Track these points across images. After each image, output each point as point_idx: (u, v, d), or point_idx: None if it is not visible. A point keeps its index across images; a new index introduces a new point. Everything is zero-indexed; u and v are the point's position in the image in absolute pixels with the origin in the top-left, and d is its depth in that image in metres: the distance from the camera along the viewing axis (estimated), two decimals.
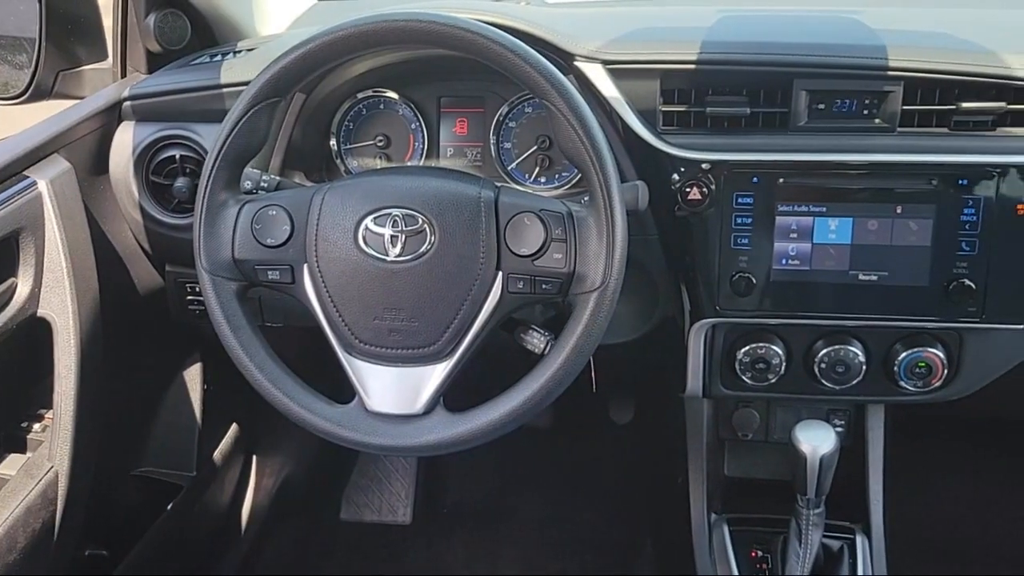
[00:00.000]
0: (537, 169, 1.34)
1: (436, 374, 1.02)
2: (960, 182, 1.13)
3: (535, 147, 1.33)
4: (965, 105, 1.13)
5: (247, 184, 1.12)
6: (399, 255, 1.01)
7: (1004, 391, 1.31)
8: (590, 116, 0.98)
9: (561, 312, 1.15)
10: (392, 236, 1.01)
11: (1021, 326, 1.18)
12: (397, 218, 1.01)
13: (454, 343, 1.02)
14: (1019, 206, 1.13)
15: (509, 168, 1.35)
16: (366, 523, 2.15)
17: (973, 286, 1.15)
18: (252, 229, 1.04)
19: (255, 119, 1.03)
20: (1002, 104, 1.12)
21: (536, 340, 1.08)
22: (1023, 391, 1.42)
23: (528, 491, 2.21)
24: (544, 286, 1.01)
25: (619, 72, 1.18)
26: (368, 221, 1.01)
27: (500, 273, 1.01)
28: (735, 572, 1.33)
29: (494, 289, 1.01)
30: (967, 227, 1.14)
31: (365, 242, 1.01)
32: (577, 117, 0.97)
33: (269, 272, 1.05)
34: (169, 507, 1.60)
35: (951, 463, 2.12)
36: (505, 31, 1.00)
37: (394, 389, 1.03)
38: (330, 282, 1.02)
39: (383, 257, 1.01)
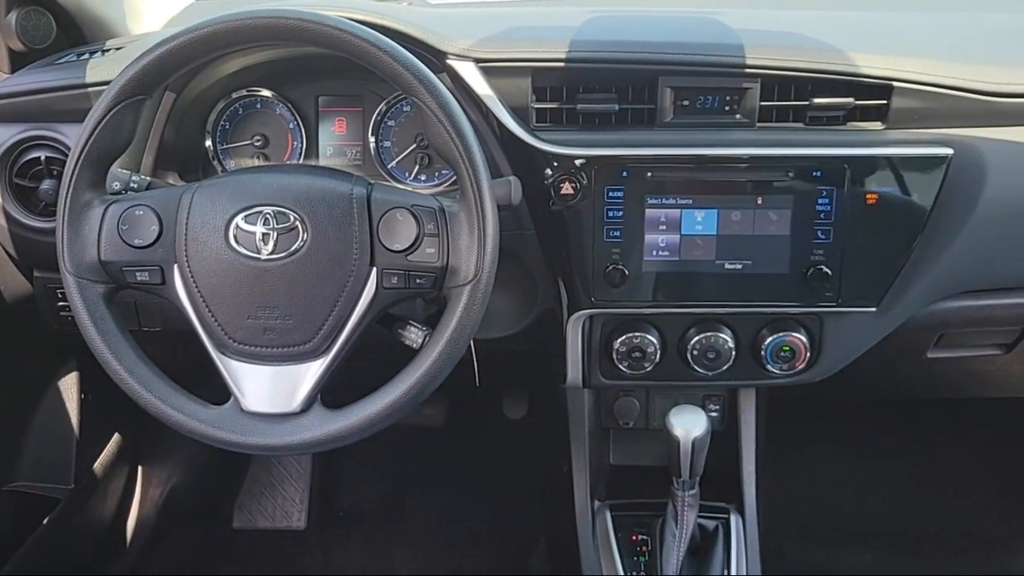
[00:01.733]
0: (417, 167, 1.35)
1: (312, 372, 1.02)
2: (815, 174, 1.19)
3: (414, 145, 1.34)
4: (818, 101, 1.19)
5: (116, 185, 1.10)
6: (271, 253, 1.00)
7: (865, 372, 1.39)
8: (458, 112, 1.00)
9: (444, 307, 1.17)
10: (264, 234, 1.01)
11: (874, 309, 1.25)
12: (268, 216, 1.01)
13: (330, 340, 1.02)
14: (868, 196, 1.19)
15: (389, 167, 1.36)
16: (260, 530, 2.12)
17: (829, 272, 1.21)
18: (119, 230, 1.02)
19: (119, 118, 1.01)
20: (851, 100, 1.19)
21: (413, 335, 1.10)
22: (883, 372, 1.51)
23: (424, 490, 2.21)
24: (418, 280, 1.02)
25: (491, 70, 1.20)
26: (239, 219, 1.01)
27: (374, 269, 1.02)
28: (616, 556, 1.37)
29: (368, 285, 1.02)
30: (822, 216, 1.20)
31: (236, 240, 1.01)
32: (445, 113, 0.99)
33: (138, 273, 1.03)
34: (45, 522, 1.54)
35: (826, 444, 2.22)
36: (376, 29, 1.01)
37: (270, 388, 1.03)
38: (201, 282, 1.01)
39: (255, 255, 1.01)
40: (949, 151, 1.17)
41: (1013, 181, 1.20)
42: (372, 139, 1.35)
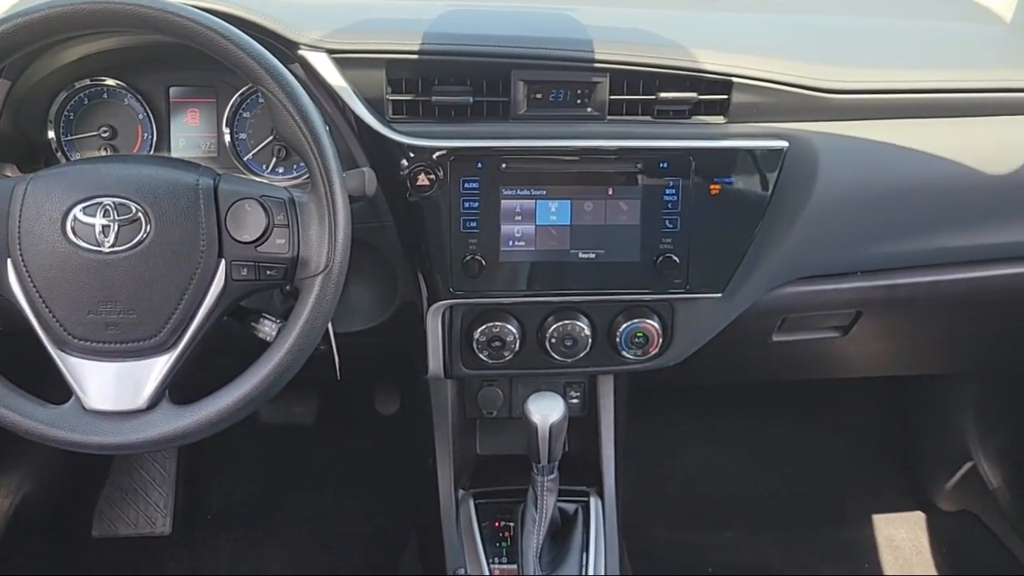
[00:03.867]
0: (274, 159, 1.33)
1: (159, 367, 1.00)
2: (662, 165, 1.23)
3: (271, 137, 1.32)
4: (664, 95, 1.24)
5: None
6: (113, 246, 0.98)
7: (717, 357, 1.46)
8: (306, 102, 0.99)
9: None
10: (104, 226, 0.97)
11: (719, 295, 1.30)
12: (109, 207, 0.98)
13: (177, 334, 1.00)
14: (712, 187, 1.25)
15: (245, 159, 1.33)
16: (122, 537, 2.05)
17: (677, 260, 1.26)
18: None
19: None
20: (694, 95, 1.24)
21: (267, 328, 1.09)
22: (733, 356, 1.58)
23: (296, 490, 2.19)
24: (269, 272, 1.01)
25: (345, 61, 1.20)
26: (77, 211, 0.97)
27: (223, 261, 1.00)
28: (479, 544, 1.39)
29: (217, 277, 1.01)
30: (669, 206, 1.25)
31: (74, 233, 0.97)
32: (293, 103, 0.98)
33: None
34: None
35: (688, 427, 2.31)
36: (223, 17, 1.00)
37: (113, 385, 1.00)
38: (37, 276, 0.98)
39: (95, 248, 0.97)
40: (785, 144, 1.24)
41: (843, 172, 1.28)
42: (227, 131, 1.32)
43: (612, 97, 1.24)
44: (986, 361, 1.89)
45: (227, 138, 1.32)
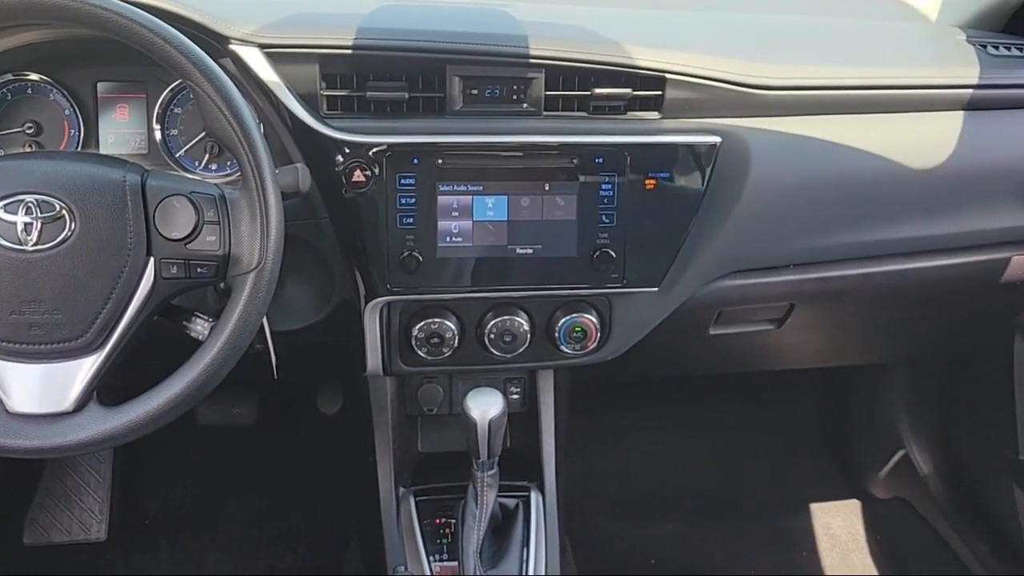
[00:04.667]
0: (207, 156, 1.31)
1: (86, 368, 0.98)
2: (597, 160, 1.24)
3: (203, 133, 1.30)
4: (599, 91, 1.24)
5: None
6: (36, 244, 0.95)
7: (655, 350, 1.47)
8: (236, 96, 0.98)
9: None
10: (26, 224, 0.95)
11: (656, 289, 1.32)
12: (31, 205, 0.95)
13: (104, 334, 0.98)
14: (647, 182, 1.26)
15: (177, 156, 1.31)
16: (55, 545, 2.00)
17: (614, 254, 1.27)
18: None
19: None
20: (629, 91, 1.25)
21: (199, 327, 1.07)
22: (671, 349, 1.60)
23: (236, 492, 2.15)
24: (199, 270, 1.00)
25: (277, 56, 1.18)
26: None
27: (151, 259, 0.99)
28: (420, 541, 1.39)
29: (146, 275, 0.98)
30: (605, 201, 1.26)
31: None
32: (222, 97, 0.97)
33: None
34: None
35: (631, 421, 2.34)
36: (151, 11, 0.98)
37: (38, 387, 0.97)
38: None
39: (18, 247, 0.95)
40: (717, 139, 1.26)
41: (774, 167, 1.30)
42: (157, 127, 1.29)
43: (548, 93, 1.24)
44: (915, 351, 1.94)
45: (158, 135, 1.30)
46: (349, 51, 1.19)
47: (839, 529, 2.17)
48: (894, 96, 1.35)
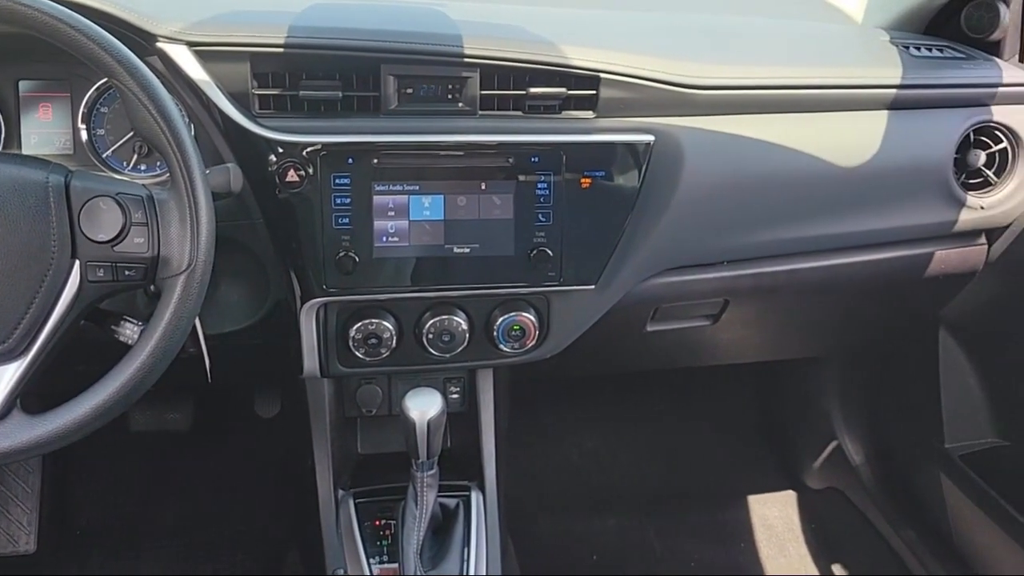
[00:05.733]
0: (136, 156, 1.28)
1: (8, 375, 0.94)
2: (533, 160, 1.25)
3: (131, 133, 1.27)
4: (534, 91, 1.25)
5: None
6: None
7: (594, 347, 1.48)
8: (163, 95, 0.96)
9: None
10: None
11: (593, 286, 1.33)
12: None
13: (28, 340, 0.95)
14: (583, 180, 1.27)
15: (104, 156, 1.28)
16: None
17: (551, 253, 1.27)
18: None
19: None
20: (564, 90, 1.25)
21: (129, 331, 1.04)
22: (609, 346, 1.61)
23: (172, 499, 2.11)
24: (127, 272, 0.97)
25: (207, 54, 1.16)
26: None
27: (76, 262, 0.96)
28: (359, 543, 1.38)
29: (71, 279, 0.96)
30: (542, 200, 1.26)
31: None
32: (149, 96, 0.94)
33: None
34: None
35: (572, 419, 2.35)
36: (74, 8, 0.95)
37: None
38: None
39: None
40: (651, 138, 1.27)
41: (707, 165, 1.32)
42: (83, 127, 1.26)
43: (483, 92, 1.24)
44: (845, 345, 1.99)
45: (84, 135, 1.26)
46: (281, 49, 1.17)
47: (776, 520, 2.21)
48: (822, 96, 1.38)
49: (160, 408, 2.05)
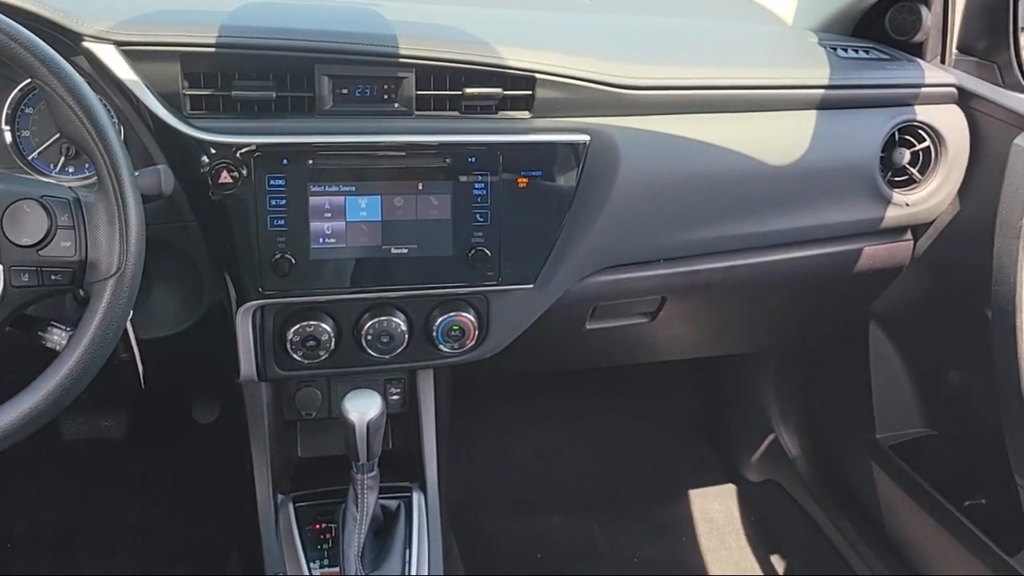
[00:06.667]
0: (63, 158, 1.25)
1: None
2: (470, 160, 1.25)
3: (59, 134, 1.24)
4: (470, 91, 1.25)
5: None
6: None
7: (533, 346, 1.49)
8: (89, 95, 0.94)
9: None
10: None
11: (531, 286, 1.33)
12: None
13: None
14: (520, 180, 1.28)
15: (30, 158, 1.25)
16: None
17: (489, 253, 1.28)
18: None
19: None
20: (500, 90, 1.26)
21: (56, 336, 1.02)
22: (549, 345, 1.63)
23: (108, 508, 2.06)
24: (54, 277, 0.95)
25: (135, 54, 1.14)
26: None
27: (0, 267, 0.93)
28: (299, 548, 1.37)
29: None
30: (479, 200, 1.26)
31: None
32: (74, 97, 0.93)
33: None
34: None
35: (514, 418, 2.36)
36: None
37: None
38: None
39: None
40: (587, 138, 1.28)
41: (642, 165, 1.34)
42: (7, 128, 1.23)
43: (419, 92, 1.24)
44: (781, 340, 2.04)
45: (8, 136, 1.23)
46: (212, 49, 1.16)
47: (716, 513, 2.25)
48: (753, 96, 1.41)
49: (94, 415, 2.01)
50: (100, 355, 0.96)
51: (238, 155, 1.17)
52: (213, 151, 1.16)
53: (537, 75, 1.26)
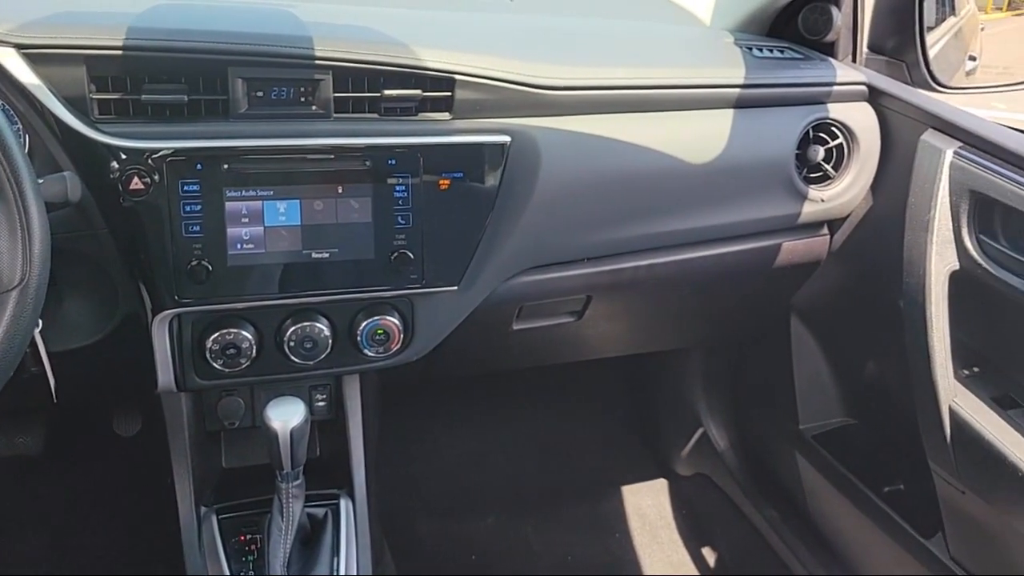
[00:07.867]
0: None
1: None
2: (390, 162, 1.24)
3: None
4: (389, 92, 1.24)
5: None
6: None
7: (461, 348, 1.49)
8: None
9: None
10: None
11: (456, 287, 1.33)
12: None
13: None
14: (441, 182, 1.27)
15: None
16: None
17: (412, 255, 1.27)
18: None
19: None
20: (419, 92, 1.25)
21: None
22: (476, 346, 1.62)
23: (26, 527, 1.99)
24: None
25: (37, 57, 1.10)
26: None
27: None
28: (223, 560, 1.34)
29: None
30: (400, 203, 1.25)
31: None
32: None
33: None
34: None
35: (444, 421, 2.35)
36: None
37: None
38: None
39: None
40: (507, 139, 1.28)
41: (563, 164, 1.34)
42: None
43: (337, 95, 1.22)
44: (706, 336, 2.07)
45: None
46: (120, 52, 1.12)
47: (648, 509, 2.27)
48: (671, 95, 1.43)
49: (8, 431, 1.93)
50: (5, 370, 0.92)
51: (150, 161, 1.14)
52: (123, 157, 1.13)
53: (456, 76, 1.26)
